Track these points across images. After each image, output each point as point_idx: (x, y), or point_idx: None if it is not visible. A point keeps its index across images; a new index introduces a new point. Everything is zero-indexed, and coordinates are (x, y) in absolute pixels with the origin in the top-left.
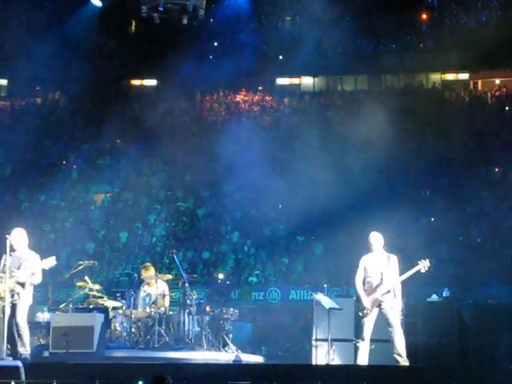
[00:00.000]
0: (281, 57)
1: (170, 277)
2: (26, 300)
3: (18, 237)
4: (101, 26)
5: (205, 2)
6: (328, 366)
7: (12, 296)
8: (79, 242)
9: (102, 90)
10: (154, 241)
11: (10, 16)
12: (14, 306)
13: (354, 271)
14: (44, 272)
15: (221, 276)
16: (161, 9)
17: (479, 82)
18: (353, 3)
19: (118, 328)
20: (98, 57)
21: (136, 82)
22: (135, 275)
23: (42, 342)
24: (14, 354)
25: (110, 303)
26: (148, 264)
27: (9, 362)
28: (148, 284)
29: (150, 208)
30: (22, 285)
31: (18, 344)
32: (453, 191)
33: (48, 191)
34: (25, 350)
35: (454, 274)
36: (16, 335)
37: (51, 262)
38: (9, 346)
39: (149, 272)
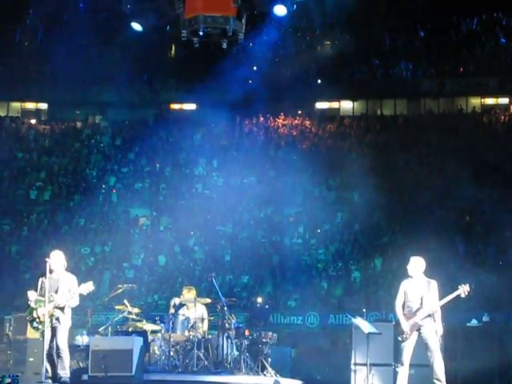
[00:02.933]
0: (319, 81)
1: (208, 300)
2: (65, 323)
3: (56, 259)
4: (141, 50)
5: (244, 27)
6: None
7: (51, 320)
8: (118, 265)
9: (142, 114)
10: (193, 264)
11: (50, 41)
12: (54, 329)
13: (394, 296)
14: (83, 296)
15: (259, 300)
16: (200, 33)
17: None
18: (392, 27)
19: (157, 351)
20: (138, 81)
21: (175, 106)
22: (173, 298)
23: (81, 365)
24: (53, 376)
25: (148, 327)
26: (191, 286)
27: None
28: (187, 307)
29: (189, 232)
30: (61, 309)
31: (58, 367)
32: (492, 215)
33: (87, 215)
34: (64, 373)
35: (494, 298)
36: (56, 358)
37: (89, 287)
38: (48, 369)
39: (191, 294)
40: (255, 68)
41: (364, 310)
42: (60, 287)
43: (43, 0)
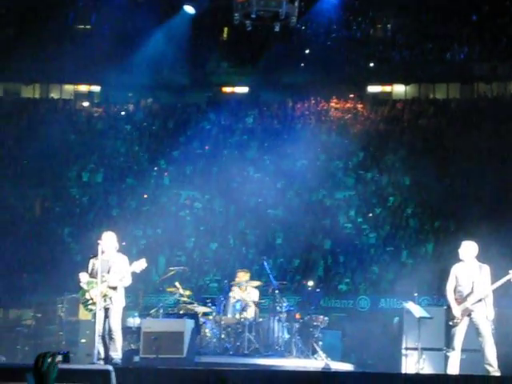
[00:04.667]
0: (372, 64)
1: (259, 283)
2: (119, 303)
3: (108, 240)
4: (193, 33)
5: (297, 10)
6: (418, 375)
7: (105, 300)
8: (170, 248)
9: (194, 97)
10: (244, 248)
11: (102, 23)
12: (107, 310)
13: (445, 280)
14: (135, 277)
15: (310, 283)
16: (253, 16)
17: None
18: (444, 11)
19: (208, 334)
20: (190, 64)
21: (227, 89)
22: (225, 281)
23: (133, 346)
24: (105, 358)
25: (200, 309)
26: (246, 269)
27: (100, 366)
28: (239, 290)
29: (240, 215)
30: (114, 288)
31: (111, 348)
32: None
33: (139, 197)
34: (116, 354)
35: None
36: (108, 339)
37: (142, 264)
38: (101, 351)
39: (246, 276)
40: (307, 51)
41: (415, 295)
42: (112, 267)
43: None
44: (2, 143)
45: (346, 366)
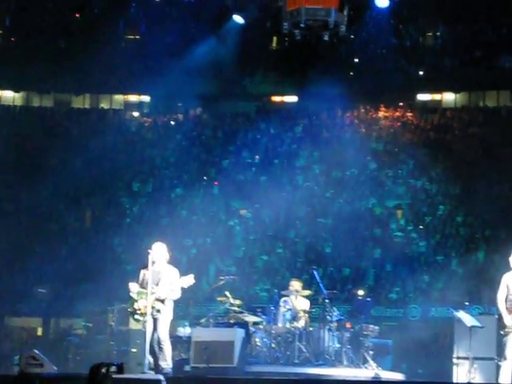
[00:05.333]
0: (421, 72)
1: (309, 292)
2: (166, 315)
3: (158, 250)
4: (242, 43)
5: (346, 19)
6: None
7: (153, 312)
8: (220, 257)
9: (244, 107)
10: (294, 257)
11: (151, 33)
12: (155, 321)
13: (496, 289)
14: (184, 288)
15: (361, 292)
16: (302, 25)
17: None
18: (494, 18)
19: (258, 343)
20: (240, 73)
21: (276, 99)
22: (275, 290)
23: (183, 356)
24: (156, 367)
25: (250, 318)
26: (298, 278)
27: (151, 375)
28: (289, 299)
29: (290, 224)
30: (162, 301)
31: (160, 358)
32: None
33: (189, 207)
34: (166, 364)
35: None
36: (157, 349)
37: (189, 280)
38: (151, 360)
39: (298, 285)
40: (356, 60)
41: (467, 303)
42: (161, 279)
43: None
44: (53, 153)
45: (397, 376)
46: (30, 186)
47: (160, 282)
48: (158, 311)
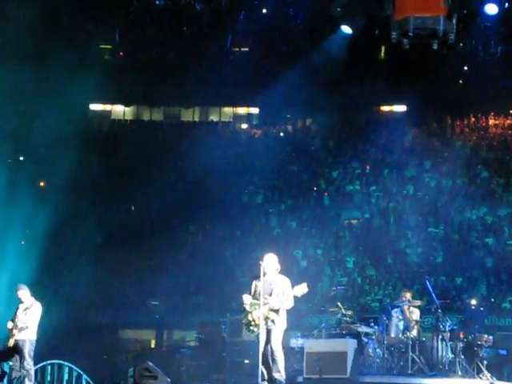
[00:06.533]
0: None
1: (421, 302)
2: (280, 325)
3: (269, 261)
4: (350, 53)
5: (455, 27)
6: None
7: (266, 322)
8: (331, 268)
9: (353, 117)
10: (405, 267)
11: (259, 45)
12: (268, 332)
13: None
14: (296, 298)
15: (474, 302)
16: (410, 34)
17: None
18: None
19: (371, 353)
20: (348, 83)
21: (385, 108)
22: (387, 301)
23: (296, 367)
24: (269, 379)
25: (362, 329)
26: (409, 289)
27: None
28: (401, 310)
29: (400, 234)
30: (276, 311)
31: (273, 369)
32: None
33: (299, 218)
34: (279, 375)
35: None
36: (271, 360)
37: (303, 289)
38: (264, 371)
39: (409, 295)
40: (465, 68)
41: None
42: (274, 289)
43: (254, 6)
44: (163, 166)
45: None
46: (141, 199)
47: (273, 292)
48: (273, 321)
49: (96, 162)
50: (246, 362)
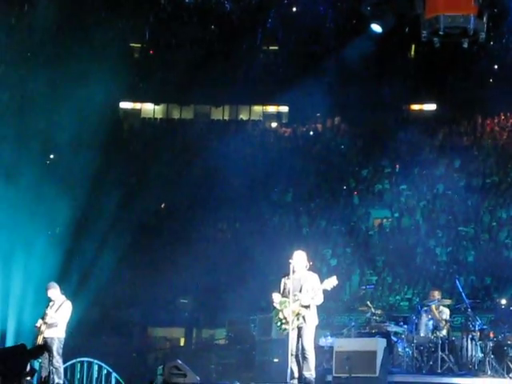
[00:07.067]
0: None
1: (450, 301)
2: (311, 321)
3: (298, 258)
4: (380, 51)
5: (486, 25)
6: None
7: (297, 319)
8: (360, 267)
9: (382, 116)
10: (435, 266)
11: (288, 43)
12: (300, 329)
13: None
14: (327, 296)
15: (504, 301)
16: (441, 33)
17: None
18: None
19: (401, 353)
20: (377, 82)
21: (415, 107)
22: (417, 300)
23: (326, 365)
24: (299, 377)
25: (391, 328)
26: (438, 288)
27: None
28: (431, 309)
29: (430, 233)
30: (307, 307)
31: (304, 367)
32: None
33: (329, 217)
34: (310, 373)
35: None
36: (301, 358)
37: (333, 281)
38: (294, 370)
39: (438, 295)
40: (496, 66)
41: None
42: (303, 286)
43: (284, 4)
44: (193, 164)
45: None
46: (171, 197)
47: (302, 288)
48: (304, 318)
49: (125, 160)
50: (276, 360)
